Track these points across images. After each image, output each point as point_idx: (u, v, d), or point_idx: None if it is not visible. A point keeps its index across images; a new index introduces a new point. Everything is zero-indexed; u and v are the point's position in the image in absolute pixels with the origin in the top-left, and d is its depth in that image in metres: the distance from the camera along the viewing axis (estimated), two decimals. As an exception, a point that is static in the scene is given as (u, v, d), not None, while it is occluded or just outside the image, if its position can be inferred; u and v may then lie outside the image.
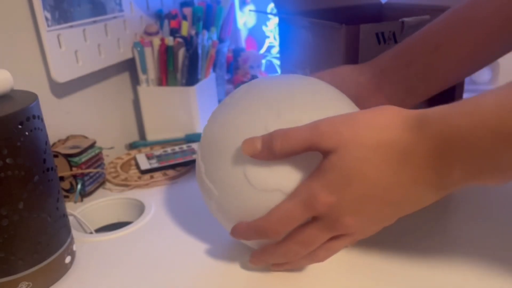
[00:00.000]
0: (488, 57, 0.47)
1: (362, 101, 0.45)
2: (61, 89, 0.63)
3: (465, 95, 0.58)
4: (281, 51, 0.73)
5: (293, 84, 0.42)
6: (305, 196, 0.34)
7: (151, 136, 0.79)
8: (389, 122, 0.33)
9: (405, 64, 0.46)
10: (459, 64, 0.46)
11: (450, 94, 0.59)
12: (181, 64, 0.75)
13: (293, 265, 0.41)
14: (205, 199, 0.43)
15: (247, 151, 0.36)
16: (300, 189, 0.35)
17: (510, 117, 0.28)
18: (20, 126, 0.38)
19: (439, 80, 0.47)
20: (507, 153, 0.29)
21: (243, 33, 1.13)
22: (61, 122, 0.64)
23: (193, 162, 0.67)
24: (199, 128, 0.77)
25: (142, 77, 0.76)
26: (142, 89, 0.77)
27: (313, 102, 0.40)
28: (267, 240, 0.39)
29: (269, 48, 1.13)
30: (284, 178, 0.36)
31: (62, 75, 0.61)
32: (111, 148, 0.71)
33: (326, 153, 0.34)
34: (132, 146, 0.77)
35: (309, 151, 0.35)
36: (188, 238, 0.49)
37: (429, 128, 0.31)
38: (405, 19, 0.52)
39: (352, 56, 0.52)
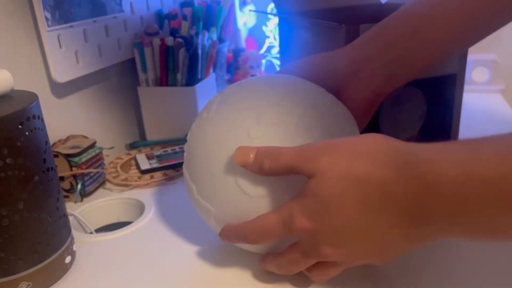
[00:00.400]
0: (470, 39, 0.44)
1: (341, 90, 0.44)
2: (61, 89, 0.63)
3: (465, 95, 0.58)
4: (281, 51, 0.73)
5: (267, 85, 0.42)
6: (286, 216, 0.34)
7: (151, 136, 0.79)
8: (372, 154, 0.31)
9: (383, 49, 0.44)
10: (439, 48, 0.43)
11: (450, 93, 0.59)
12: (181, 64, 0.75)
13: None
14: (204, 217, 0.43)
15: (239, 160, 0.36)
16: (284, 207, 0.35)
17: None
18: (20, 126, 0.38)
19: (419, 65, 0.45)
20: (505, 214, 0.25)
21: (243, 33, 1.13)
22: (61, 122, 0.64)
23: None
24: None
25: (142, 77, 0.76)
26: (142, 89, 0.77)
27: (290, 100, 0.39)
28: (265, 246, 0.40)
29: (269, 48, 1.13)
30: (275, 180, 0.36)
31: (62, 75, 0.61)
32: (111, 148, 0.71)
33: (307, 177, 0.34)
34: (132, 146, 0.77)
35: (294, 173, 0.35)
36: (188, 238, 0.49)
37: (414, 169, 0.28)
38: None
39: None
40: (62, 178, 0.58)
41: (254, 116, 0.38)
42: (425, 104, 0.60)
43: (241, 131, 0.38)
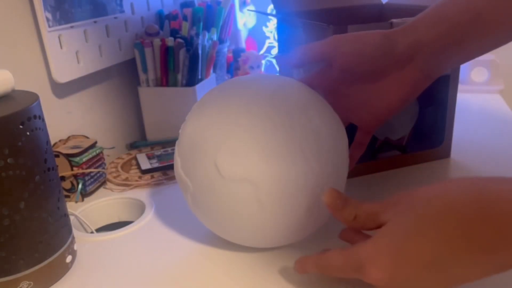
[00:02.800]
0: None
1: (392, 72, 0.44)
2: (62, 89, 0.64)
3: (464, 95, 0.58)
4: (280, 51, 0.73)
5: (257, 80, 0.45)
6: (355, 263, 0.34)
7: (151, 136, 0.79)
8: (449, 193, 0.31)
9: (443, 34, 0.43)
10: (496, 35, 0.42)
11: (444, 94, 0.59)
12: (181, 64, 0.75)
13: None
14: (183, 193, 0.45)
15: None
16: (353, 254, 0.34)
17: None
18: (21, 126, 0.38)
19: (472, 52, 0.44)
20: None
21: (243, 34, 1.13)
22: (62, 122, 0.64)
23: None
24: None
25: (142, 77, 0.76)
26: (143, 89, 0.77)
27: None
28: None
29: (269, 48, 1.13)
30: (252, 165, 0.38)
31: (63, 76, 0.61)
32: (112, 148, 0.71)
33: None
34: (132, 146, 0.78)
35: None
36: (188, 237, 0.50)
37: (494, 208, 0.29)
38: (394, 20, 0.52)
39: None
40: (63, 178, 0.58)
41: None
42: (416, 105, 0.60)
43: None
